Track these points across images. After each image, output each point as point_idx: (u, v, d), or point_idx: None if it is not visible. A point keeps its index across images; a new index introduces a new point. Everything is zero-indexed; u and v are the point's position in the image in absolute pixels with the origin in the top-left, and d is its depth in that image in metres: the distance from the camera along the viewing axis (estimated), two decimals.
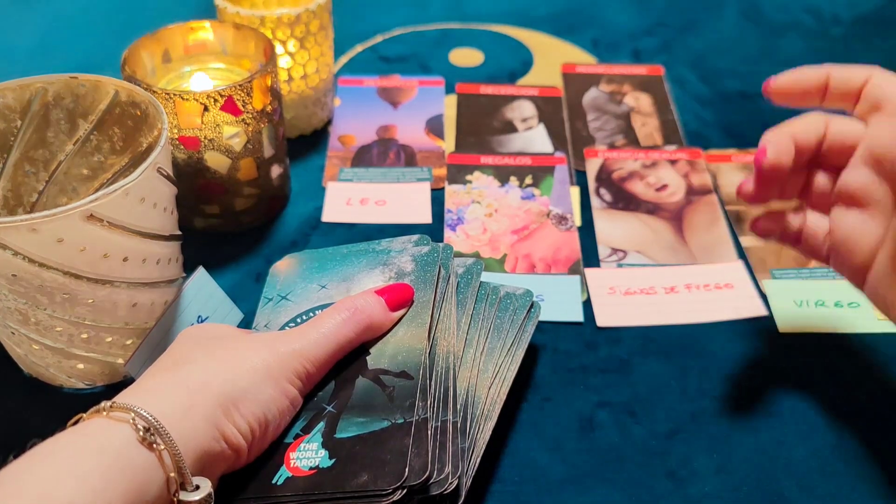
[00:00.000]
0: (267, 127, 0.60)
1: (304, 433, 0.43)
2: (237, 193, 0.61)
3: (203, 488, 0.37)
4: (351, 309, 0.46)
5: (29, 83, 0.50)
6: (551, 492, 0.47)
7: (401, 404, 0.43)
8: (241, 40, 0.63)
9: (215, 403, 0.39)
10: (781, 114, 0.78)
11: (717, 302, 0.58)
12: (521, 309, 0.50)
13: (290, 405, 0.43)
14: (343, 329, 0.45)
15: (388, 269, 0.52)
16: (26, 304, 0.44)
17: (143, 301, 0.48)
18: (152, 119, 0.49)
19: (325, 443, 0.43)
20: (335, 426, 0.43)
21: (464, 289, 0.50)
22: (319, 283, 0.52)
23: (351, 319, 0.45)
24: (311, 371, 0.43)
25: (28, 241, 0.41)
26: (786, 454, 0.49)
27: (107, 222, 0.42)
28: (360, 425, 0.43)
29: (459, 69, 0.84)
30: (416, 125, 0.76)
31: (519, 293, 0.51)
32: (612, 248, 0.63)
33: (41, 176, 0.53)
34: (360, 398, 0.44)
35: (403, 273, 0.51)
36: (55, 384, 0.51)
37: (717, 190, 0.68)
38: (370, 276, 0.52)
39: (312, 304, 0.51)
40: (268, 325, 0.51)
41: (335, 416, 0.44)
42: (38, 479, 0.33)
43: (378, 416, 0.43)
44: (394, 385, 0.44)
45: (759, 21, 0.92)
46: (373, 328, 0.46)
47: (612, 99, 0.79)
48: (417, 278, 0.50)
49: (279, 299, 0.52)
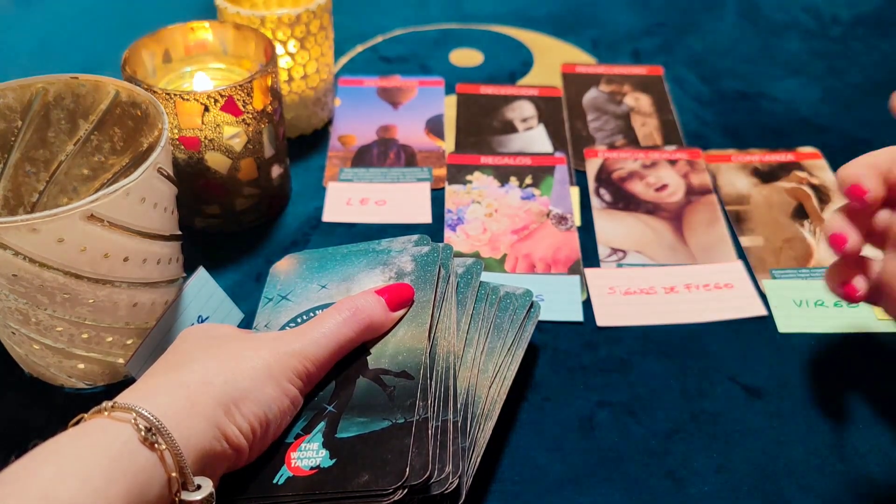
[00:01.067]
0: (267, 127, 0.60)
1: (305, 433, 0.43)
2: (237, 193, 0.61)
3: (204, 488, 0.37)
4: (351, 309, 0.46)
5: (29, 83, 0.50)
6: (551, 491, 0.47)
7: (401, 404, 0.43)
8: (241, 40, 0.63)
9: (216, 403, 0.39)
10: (781, 114, 0.78)
11: (716, 302, 0.58)
12: (521, 309, 0.50)
13: (290, 405, 0.43)
14: (343, 329, 0.45)
15: (388, 269, 0.52)
16: (27, 304, 0.44)
17: (143, 301, 0.48)
18: (153, 119, 0.49)
19: (325, 442, 0.43)
20: (336, 426, 0.43)
21: (464, 289, 0.50)
22: (319, 283, 0.52)
23: (351, 319, 0.45)
24: (311, 371, 0.44)
25: (28, 241, 0.41)
26: (786, 454, 0.49)
27: (107, 222, 0.42)
28: (361, 425, 0.43)
29: (459, 69, 0.84)
30: (416, 125, 0.76)
31: (519, 293, 0.51)
32: (611, 248, 0.63)
33: (42, 176, 0.53)
34: (360, 398, 0.44)
35: (403, 273, 0.51)
36: (56, 384, 0.51)
37: (716, 190, 0.68)
38: (370, 276, 0.51)
39: (313, 304, 0.51)
40: (268, 325, 0.51)
41: (336, 415, 0.44)
42: (40, 479, 0.33)
43: (379, 415, 0.43)
44: (394, 385, 0.44)
45: (758, 21, 0.92)
46: (373, 328, 0.46)
47: (612, 99, 0.79)
48: (418, 278, 0.50)
49: (279, 299, 0.52)
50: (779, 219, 0.66)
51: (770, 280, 0.60)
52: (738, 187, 0.69)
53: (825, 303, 0.58)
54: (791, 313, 0.57)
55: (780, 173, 0.70)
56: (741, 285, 0.60)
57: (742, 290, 0.59)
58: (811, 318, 0.57)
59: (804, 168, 0.71)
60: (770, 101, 0.80)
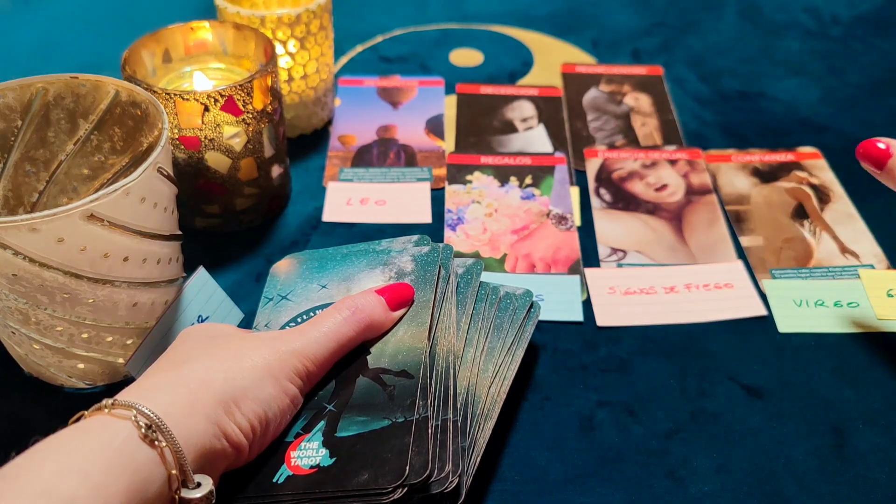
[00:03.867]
0: (267, 127, 0.60)
1: (305, 432, 0.43)
2: (237, 193, 0.61)
3: (204, 486, 0.37)
4: (351, 308, 0.46)
5: (29, 83, 0.50)
6: (551, 491, 0.47)
7: (401, 403, 0.43)
8: (241, 40, 0.63)
9: (216, 401, 0.39)
10: (781, 114, 0.78)
11: (716, 302, 0.58)
12: (521, 309, 0.50)
13: (290, 404, 0.43)
14: (343, 328, 0.45)
15: (388, 268, 0.52)
16: (27, 304, 0.44)
17: (143, 301, 0.48)
18: (153, 119, 0.49)
19: (325, 441, 0.43)
20: (336, 425, 0.43)
21: (464, 289, 0.50)
22: (319, 282, 0.52)
23: (351, 318, 0.45)
24: (311, 370, 0.44)
25: (28, 241, 0.41)
26: (786, 454, 0.49)
27: (107, 222, 0.42)
28: (361, 424, 0.43)
29: (459, 69, 0.84)
30: (416, 125, 0.76)
31: (519, 293, 0.51)
32: (611, 248, 0.63)
33: (42, 176, 0.53)
34: (360, 397, 0.44)
35: (404, 273, 0.51)
36: (56, 384, 0.51)
37: (716, 190, 0.68)
38: (370, 275, 0.52)
39: (313, 304, 0.51)
40: (268, 324, 0.51)
41: (336, 415, 0.44)
42: (40, 475, 0.33)
43: (378, 414, 0.43)
44: (394, 384, 0.44)
45: (758, 21, 0.92)
46: (373, 327, 0.47)
47: (612, 99, 0.79)
48: (418, 278, 0.50)
49: (279, 299, 0.52)
50: (779, 219, 0.66)
51: (770, 280, 0.60)
52: (738, 187, 0.69)
53: (825, 303, 0.58)
54: (791, 313, 0.57)
55: (780, 173, 0.70)
56: (741, 285, 0.60)
57: (742, 289, 0.59)
58: (811, 317, 0.57)
59: (804, 168, 0.71)
60: (770, 100, 0.80)
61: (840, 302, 0.58)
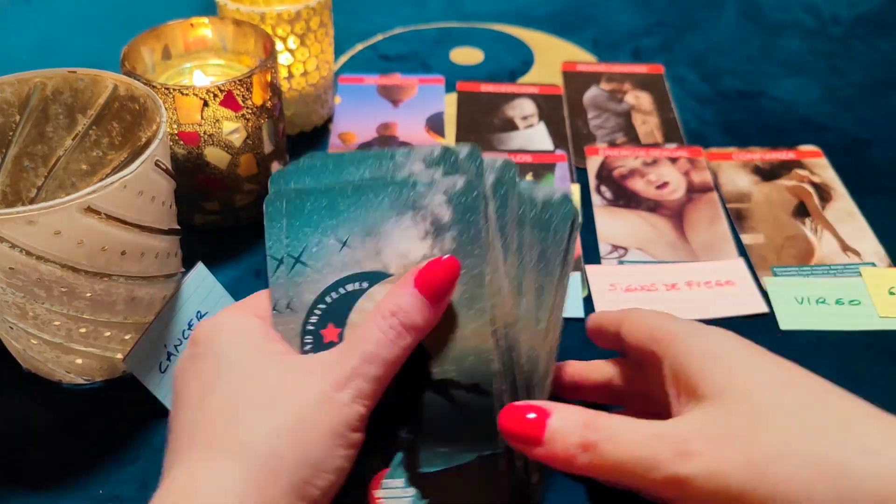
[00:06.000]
0: (267, 123, 0.60)
1: (384, 465, 0.39)
2: (237, 189, 0.61)
3: None
4: (397, 329, 0.38)
5: (27, 78, 0.50)
6: (551, 491, 0.46)
7: (481, 429, 0.38)
8: (241, 37, 0.63)
9: (291, 490, 0.33)
10: (781, 113, 0.78)
11: (717, 299, 0.58)
12: (564, 223, 0.41)
13: (355, 453, 0.37)
14: (395, 351, 0.37)
15: (419, 216, 0.40)
16: (24, 298, 0.44)
17: (141, 295, 0.48)
18: (151, 113, 0.49)
19: (411, 480, 0.38)
20: (416, 458, 0.39)
21: (501, 210, 0.40)
22: (337, 236, 0.41)
23: (399, 340, 0.38)
24: (370, 408, 0.37)
25: (25, 234, 0.41)
26: None
27: (105, 215, 0.42)
28: (445, 458, 0.38)
29: (460, 67, 0.84)
30: (416, 123, 0.75)
31: (556, 198, 0.41)
32: (612, 245, 0.63)
33: (40, 171, 0.52)
34: (433, 419, 0.39)
35: (441, 224, 0.40)
36: (54, 379, 0.51)
37: (717, 188, 0.68)
38: (400, 228, 0.41)
39: (338, 274, 0.41)
40: (290, 304, 0.41)
41: (412, 443, 0.39)
42: None
43: (459, 444, 0.39)
44: (467, 402, 0.39)
45: (758, 20, 0.92)
46: (421, 335, 0.39)
47: (613, 97, 0.79)
48: (461, 233, 0.39)
49: (292, 262, 0.41)
50: (780, 216, 0.65)
51: (771, 277, 0.60)
52: (738, 185, 0.68)
53: (827, 300, 0.58)
54: (792, 311, 0.57)
55: (781, 171, 0.70)
56: (742, 283, 0.59)
57: (743, 287, 0.59)
58: (813, 315, 0.57)
59: (805, 166, 0.70)
60: (770, 99, 0.80)
61: (842, 300, 0.58)
